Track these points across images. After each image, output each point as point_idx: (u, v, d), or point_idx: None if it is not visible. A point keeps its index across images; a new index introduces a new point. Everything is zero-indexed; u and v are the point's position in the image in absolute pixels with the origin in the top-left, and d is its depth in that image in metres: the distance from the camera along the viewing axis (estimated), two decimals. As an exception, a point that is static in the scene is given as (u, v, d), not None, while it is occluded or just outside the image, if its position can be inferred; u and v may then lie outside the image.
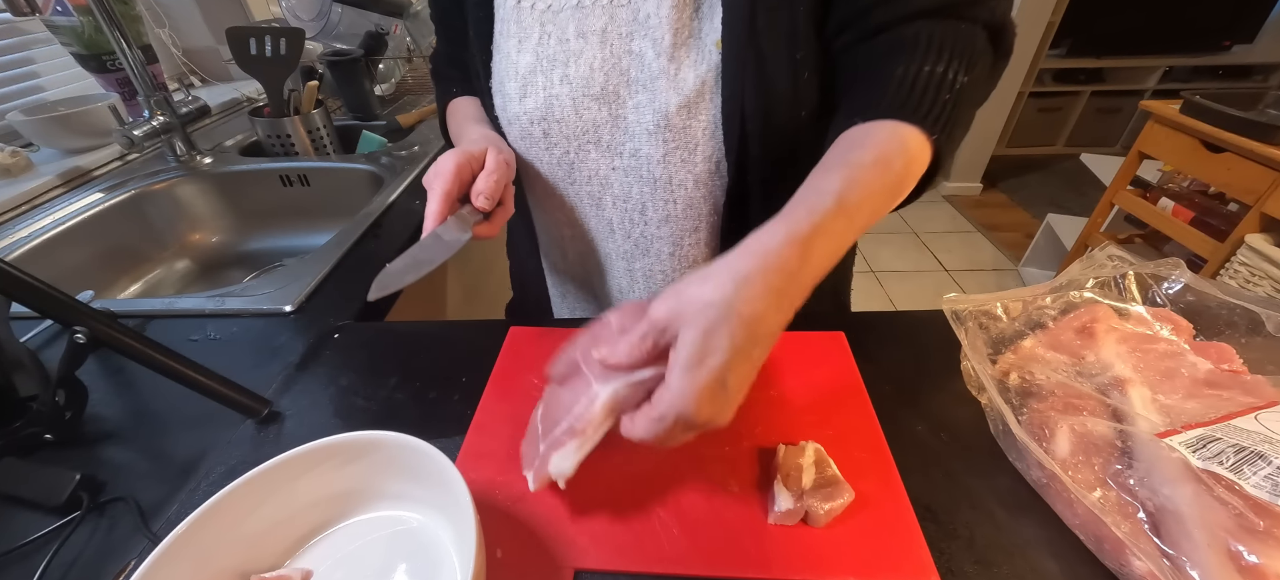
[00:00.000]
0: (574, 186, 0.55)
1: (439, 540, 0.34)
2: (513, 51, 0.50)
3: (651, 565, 0.34)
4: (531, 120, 0.51)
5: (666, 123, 0.48)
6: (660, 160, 0.50)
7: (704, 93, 0.47)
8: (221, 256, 0.98)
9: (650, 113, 0.48)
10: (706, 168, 0.50)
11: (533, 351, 0.50)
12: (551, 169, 0.54)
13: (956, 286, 2.25)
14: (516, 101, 0.51)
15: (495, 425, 0.42)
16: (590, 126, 0.50)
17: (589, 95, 0.49)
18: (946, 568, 0.33)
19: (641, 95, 0.48)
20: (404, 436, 0.33)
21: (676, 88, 0.46)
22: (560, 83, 0.49)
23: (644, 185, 0.52)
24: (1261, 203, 1.29)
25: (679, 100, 0.46)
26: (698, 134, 0.48)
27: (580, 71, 0.48)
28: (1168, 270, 0.49)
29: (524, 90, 0.50)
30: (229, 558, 0.32)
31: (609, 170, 0.52)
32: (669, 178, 0.50)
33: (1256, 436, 0.34)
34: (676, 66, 0.46)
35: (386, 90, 1.32)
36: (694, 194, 0.51)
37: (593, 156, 0.52)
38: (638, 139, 0.50)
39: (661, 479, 0.39)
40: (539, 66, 0.49)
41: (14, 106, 0.98)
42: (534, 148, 0.53)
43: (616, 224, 0.55)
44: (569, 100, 0.49)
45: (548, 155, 0.53)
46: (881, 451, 0.40)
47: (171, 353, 0.43)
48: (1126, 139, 3.01)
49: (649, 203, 0.53)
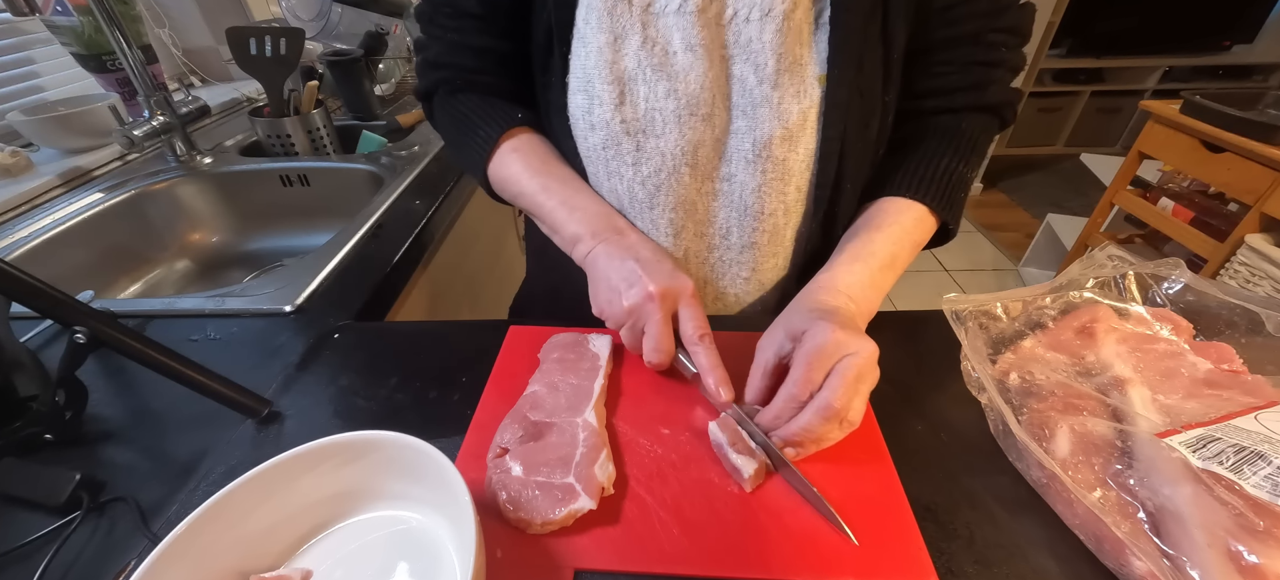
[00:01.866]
0: (654, 210, 0.50)
1: (439, 540, 0.34)
2: (607, 48, 0.45)
3: (651, 565, 0.34)
4: (628, 131, 0.47)
5: (768, 153, 0.47)
6: (755, 190, 0.49)
7: (806, 126, 0.47)
8: (221, 256, 0.98)
9: (750, 140, 0.47)
10: (796, 198, 0.50)
11: (533, 351, 0.50)
12: (631, 186, 0.50)
13: (956, 286, 2.25)
14: (611, 107, 0.46)
15: (496, 425, 0.42)
16: (690, 148, 0.47)
17: (697, 115, 0.46)
18: (946, 568, 0.33)
19: (742, 121, 0.47)
20: (404, 436, 0.33)
21: (779, 117, 0.46)
22: (666, 96, 0.45)
23: (732, 211, 0.51)
24: (1261, 203, 1.29)
25: (781, 131, 0.46)
26: (795, 166, 0.48)
27: (690, 88, 0.45)
28: (1168, 270, 0.49)
29: (621, 96, 0.46)
30: (229, 558, 0.32)
31: (696, 195, 0.50)
32: (761, 206, 0.49)
33: (1256, 436, 0.34)
34: (780, 95, 0.45)
35: (386, 90, 1.32)
36: (781, 223, 0.51)
37: (685, 179, 0.49)
38: (733, 165, 0.48)
39: (661, 479, 0.39)
40: (640, 74, 0.45)
41: (14, 106, 0.98)
42: (618, 161, 0.49)
43: (692, 252, 0.53)
44: (674, 116, 0.46)
45: (634, 172, 0.49)
46: (882, 452, 0.40)
47: (171, 353, 0.43)
48: (1126, 139, 3.01)
49: (734, 229, 0.51)
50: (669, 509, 0.37)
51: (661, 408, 0.44)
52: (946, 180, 0.49)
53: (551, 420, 0.41)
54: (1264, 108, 1.38)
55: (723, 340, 0.44)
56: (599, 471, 0.37)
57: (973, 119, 0.51)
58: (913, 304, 2.14)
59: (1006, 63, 0.50)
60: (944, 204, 0.49)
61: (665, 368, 0.45)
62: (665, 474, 0.39)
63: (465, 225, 0.96)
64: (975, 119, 0.52)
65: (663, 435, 0.42)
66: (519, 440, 0.40)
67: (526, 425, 0.41)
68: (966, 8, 0.47)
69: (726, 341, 0.44)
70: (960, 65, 0.50)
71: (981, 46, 0.49)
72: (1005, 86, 0.51)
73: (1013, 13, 0.49)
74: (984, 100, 0.51)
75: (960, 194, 0.50)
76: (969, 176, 0.51)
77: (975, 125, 0.51)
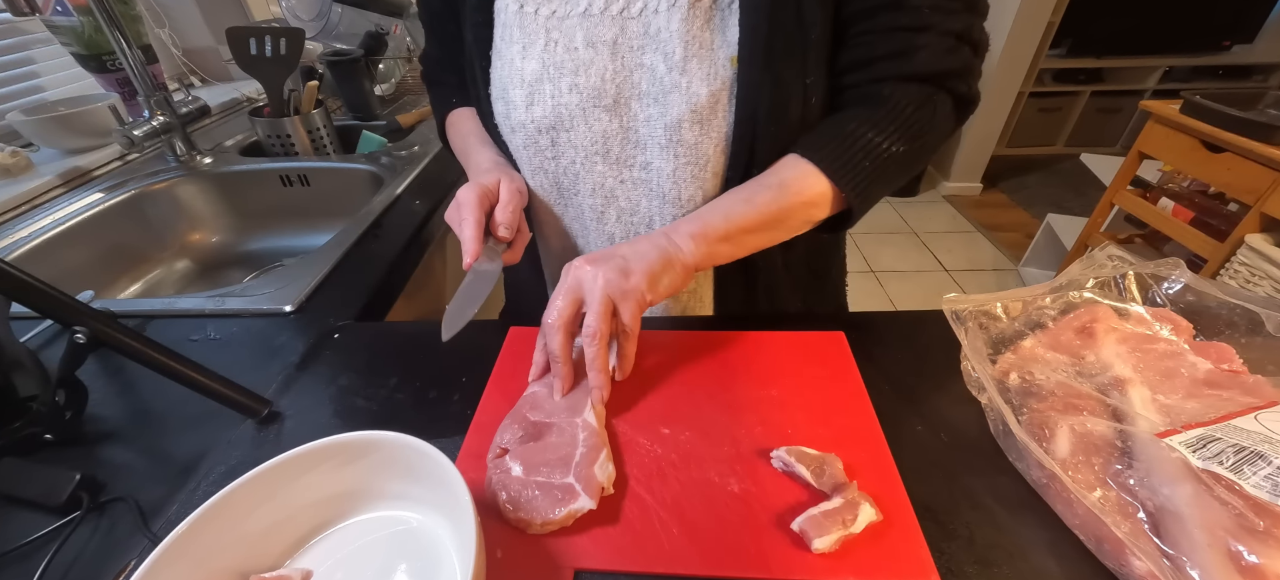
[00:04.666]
0: (577, 198, 0.54)
1: (439, 541, 0.34)
2: (517, 58, 0.49)
3: (651, 565, 0.34)
4: (539, 128, 0.50)
5: (678, 137, 0.48)
6: (670, 174, 0.50)
7: (717, 107, 0.47)
8: (221, 256, 0.98)
9: (661, 126, 0.48)
10: (713, 183, 0.50)
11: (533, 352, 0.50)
12: (555, 179, 0.54)
13: (956, 286, 2.25)
14: (522, 109, 0.50)
15: (496, 425, 0.42)
16: (600, 137, 0.50)
17: (600, 106, 0.48)
18: (946, 568, 0.33)
19: (653, 108, 0.48)
20: (404, 436, 0.33)
21: (688, 99, 0.46)
22: (569, 91, 0.48)
23: (652, 199, 0.52)
24: (1261, 203, 1.29)
25: (691, 112, 0.46)
26: (709, 149, 0.48)
27: (591, 81, 0.48)
28: (1168, 270, 0.49)
29: (530, 98, 0.50)
30: (229, 558, 0.32)
31: (616, 183, 0.52)
32: (678, 192, 0.50)
33: (1256, 436, 0.34)
34: (688, 80, 0.46)
35: (386, 90, 1.32)
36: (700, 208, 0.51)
37: (599, 168, 0.52)
38: (649, 152, 0.50)
39: (661, 479, 0.39)
40: (546, 74, 0.49)
41: (14, 106, 0.98)
42: (539, 157, 0.53)
43: (619, 237, 0.55)
44: (579, 110, 0.49)
45: (554, 165, 0.53)
46: (882, 452, 0.40)
47: (171, 353, 0.43)
48: (1126, 139, 3.01)
49: (656, 217, 0.53)
50: (669, 509, 0.37)
51: (661, 407, 0.44)
52: (848, 143, 0.46)
53: (551, 420, 0.42)
54: (1264, 108, 1.38)
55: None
56: (599, 471, 0.37)
57: (899, 89, 0.46)
58: (913, 304, 2.14)
59: (936, 27, 0.45)
60: (837, 166, 0.46)
61: (472, 261, 0.47)
62: (665, 474, 0.39)
63: (465, 225, 0.96)
64: (903, 89, 0.46)
65: (663, 435, 0.42)
66: (519, 440, 0.40)
67: (526, 425, 0.41)
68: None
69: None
70: (881, 32, 0.45)
71: (904, 11, 0.44)
72: (939, 53, 0.45)
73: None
74: (910, 69, 0.45)
75: (865, 162, 0.46)
76: (883, 147, 0.46)
77: (902, 96, 0.46)
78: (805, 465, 0.38)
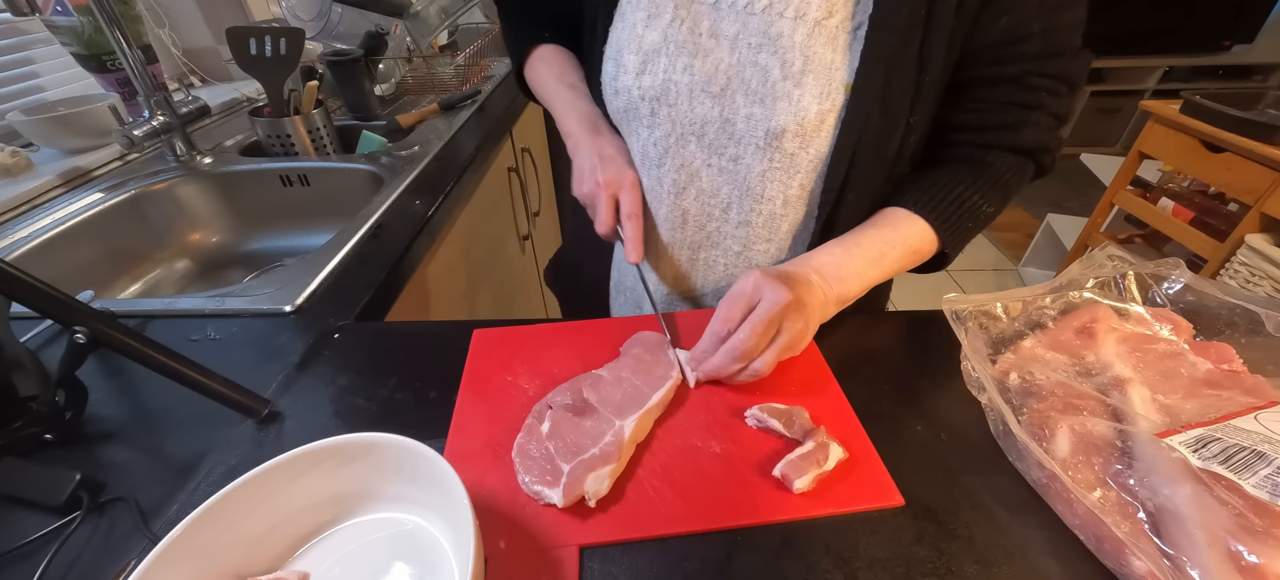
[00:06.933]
0: (660, 170, 0.54)
1: (437, 543, 0.34)
2: (640, 24, 0.49)
3: (652, 530, 0.36)
4: (644, 97, 0.50)
5: (779, 145, 0.48)
6: (760, 174, 0.50)
7: (822, 126, 0.47)
8: (221, 256, 0.98)
9: (764, 129, 0.48)
10: (799, 194, 0.51)
11: (499, 353, 0.50)
12: (643, 146, 0.54)
13: (956, 286, 2.25)
14: (633, 75, 0.50)
15: (474, 426, 0.43)
16: (699, 121, 0.50)
17: (708, 92, 0.49)
18: (947, 567, 0.33)
19: (757, 108, 0.48)
20: (402, 439, 0.33)
21: (796, 113, 0.47)
22: (683, 71, 0.49)
23: (735, 189, 0.53)
24: (1261, 203, 1.29)
25: (796, 124, 0.47)
26: (804, 163, 0.49)
27: (706, 68, 0.48)
28: (1168, 270, 0.49)
29: (644, 66, 0.50)
30: (227, 559, 0.32)
31: (702, 165, 0.53)
32: (763, 190, 0.51)
33: (1256, 437, 0.34)
34: (801, 93, 0.46)
35: (386, 90, 1.32)
36: (779, 211, 0.52)
37: (691, 148, 0.52)
38: (742, 146, 0.50)
39: (650, 452, 0.41)
40: (664, 48, 0.49)
41: (14, 106, 0.97)
42: (634, 122, 0.53)
43: (692, 216, 0.56)
44: (686, 90, 0.49)
45: (647, 134, 0.53)
46: (838, 397, 0.45)
47: (171, 353, 0.43)
48: (1126, 139, 3.01)
49: (734, 205, 0.53)
50: (660, 477, 0.39)
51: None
52: (957, 205, 0.50)
53: (598, 408, 0.42)
54: (1264, 108, 1.38)
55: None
56: (591, 482, 0.37)
57: (1002, 157, 0.51)
58: (913, 304, 2.13)
59: (1046, 107, 0.49)
60: (947, 227, 0.50)
61: (610, 237, 0.54)
62: (653, 446, 0.41)
63: (465, 225, 0.96)
64: (1005, 158, 0.51)
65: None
66: (565, 407, 0.42)
67: (578, 399, 0.43)
68: (1017, 49, 0.46)
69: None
70: (996, 103, 0.49)
71: (1022, 88, 0.48)
72: (1042, 130, 0.50)
73: (1064, 60, 0.47)
74: (1016, 142, 0.50)
75: (968, 223, 0.51)
76: (984, 210, 0.51)
77: (1003, 164, 0.51)
78: (777, 418, 0.41)
